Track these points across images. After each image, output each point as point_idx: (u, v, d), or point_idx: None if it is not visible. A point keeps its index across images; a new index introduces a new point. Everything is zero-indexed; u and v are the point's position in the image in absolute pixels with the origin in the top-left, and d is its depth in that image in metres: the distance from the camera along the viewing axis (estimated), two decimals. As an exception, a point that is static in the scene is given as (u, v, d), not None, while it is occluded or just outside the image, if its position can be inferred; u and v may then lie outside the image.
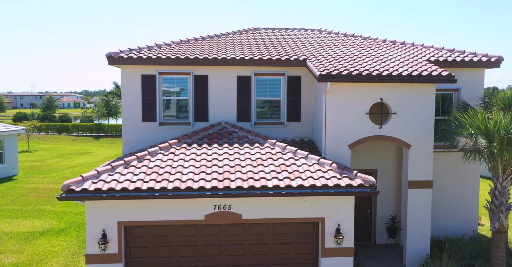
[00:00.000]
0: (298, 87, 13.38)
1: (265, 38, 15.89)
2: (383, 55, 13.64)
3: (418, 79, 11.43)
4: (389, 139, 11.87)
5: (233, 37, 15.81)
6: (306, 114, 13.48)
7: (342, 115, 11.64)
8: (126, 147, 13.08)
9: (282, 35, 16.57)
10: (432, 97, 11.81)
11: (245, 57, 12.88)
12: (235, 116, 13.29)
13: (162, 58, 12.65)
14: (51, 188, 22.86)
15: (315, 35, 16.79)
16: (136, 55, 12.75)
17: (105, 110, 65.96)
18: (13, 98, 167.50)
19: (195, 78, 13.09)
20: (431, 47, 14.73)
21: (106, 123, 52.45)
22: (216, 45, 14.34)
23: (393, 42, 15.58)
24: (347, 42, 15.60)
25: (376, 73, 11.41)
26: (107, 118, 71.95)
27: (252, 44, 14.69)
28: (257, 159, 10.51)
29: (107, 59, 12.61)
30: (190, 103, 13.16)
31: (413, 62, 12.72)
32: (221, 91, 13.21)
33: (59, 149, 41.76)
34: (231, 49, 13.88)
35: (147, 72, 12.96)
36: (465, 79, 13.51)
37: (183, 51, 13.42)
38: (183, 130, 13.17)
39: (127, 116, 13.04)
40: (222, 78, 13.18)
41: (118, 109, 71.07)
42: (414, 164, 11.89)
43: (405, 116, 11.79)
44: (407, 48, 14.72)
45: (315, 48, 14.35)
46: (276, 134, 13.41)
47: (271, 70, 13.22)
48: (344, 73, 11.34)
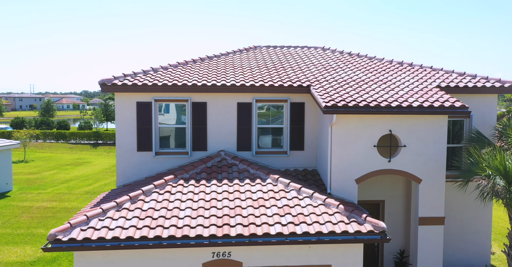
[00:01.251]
0: (302, 114, 12.70)
1: (267, 59, 15.22)
2: (391, 79, 12.98)
3: (429, 111, 10.77)
4: (398, 173, 11.19)
5: (233, 58, 15.13)
6: (310, 142, 12.80)
7: (349, 148, 10.97)
8: (120, 178, 12.40)
9: (284, 55, 15.89)
10: (444, 129, 11.15)
11: (245, 83, 12.21)
12: (235, 145, 12.62)
13: (158, 85, 11.98)
14: (45, 206, 22.16)
15: (318, 54, 16.11)
16: (131, 81, 12.08)
17: (103, 118, 65.28)
18: (12, 100, 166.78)
19: (193, 105, 12.42)
20: (440, 70, 14.06)
21: (104, 131, 51.72)
22: (215, 68, 13.67)
23: (400, 63, 14.91)
24: (352, 63, 14.93)
25: (385, 104, 10.74)
26: (105, 122, 71.36)
27: (253, 67, 14.01)
28: (258, 199, 9.83)
29: (100, 86, 11.94)
30: (187, 132, 12.49)
31: (423, 89, 12.05)
32: (220, 119, 12.54)
33: (56, 158, 41.06)
34: (231, 73, 13.21)
35: (142, 99, 12.28)
36: (477, 105, 12.85)
37: (181, 76, 12.75)
38: (181, 160, 12.49)
39: (121, 146, 12.36)
40: (221, 105, 12.51)
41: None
42: (425, 199, 11.22)
43: (416, 149, 11.12)
44: (415, 71, 14.05)
45: (318, 71, 13.67)
46: (278, 163, 12.73)
47: (273, 97, 12.55)
48: (351, 104, 10.67)
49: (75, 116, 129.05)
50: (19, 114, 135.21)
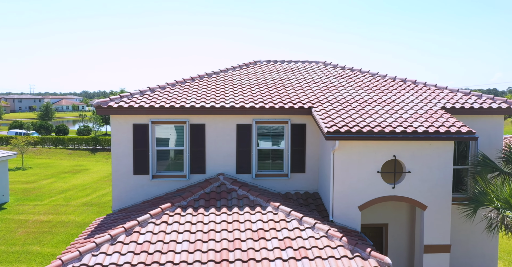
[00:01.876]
0: (303, 136, 12.36)
1: (267, 75, 14.87)
2: (394, 100, 12.63)
3: (435, 136, 10.42)
4: (403, 200, 10.85)
5: (233, 75, 14.78)
6: (312, 165, 12.46)
7: (352, 174, 10.63)
8: (116, 202, 12.05)
9: (285, 71, 15.54)
10: (450, 154, 10.81)
11: (245, 105, 11.87)
12: (235, 168, 12.27)
13: (155, 107, 11.64)
14: (42, 220, 21.81)
15: (319, 70, 15.76)
16: (127, 103, 11.74)
17: (102, 123, 65.03)
18: (11, 102, 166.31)
19: (191, 127, 12.07)
20: (444, 88, 13.72)
21: (103, 136, 51.35)
22: (214, 87, 13.32)
23: (404, 81, 14.57)
24: (354, 80, 14.58)
25: (390, 129, 10.40)
26: (104, 126, 71.12)
27: (253, 85, 13.67)
28: (258, 230, 9.48)
29: (95, 109, 11.58)
30: (185, 154, 12.14)
31: (428, 111, 11.71)
32: (219, 141, 12.20)
33: (54, 165, 40.71)
34: (231, 92, 12.86)
35: (139, 121, 11.94)
36: (483, 126, 12.50)
37: (179, 96, 12.40)
38: (179, 183, 12.15)
39: (117, 169, 12.01)
40: (220, 127, 12.16)
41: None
42: (430, 226, 10.87)
43: (421, 175, 10.78)
44: (419, 89, 13.70)
45: (320, 90, 13.33)
46: (279, 186, 12.39)
47: (274, 118, 12.20)
48: (354, 129, 10.32)
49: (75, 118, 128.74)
50: (18, 116, 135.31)
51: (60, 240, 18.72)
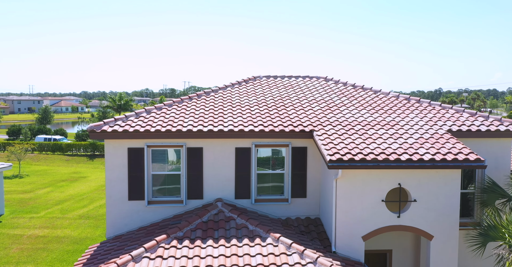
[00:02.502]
0: (304, 159, 11.94)
1: (267, 93, 14.44)
2: (399, 122, 12.21)
3: (442, 165, 10.00)
4: (408, 229, 10.44)
5: (231, 93, 14.35)
6: (313, 189, 12.04)
7: (355, 203, 10.22)
8: (110, 229, 11.62)
9: (285, 88, 15.12)
10: (457, 182, 10.40)
11: (244, 128, 11.45)
12: (233, 193, 11.85)
13: (151, 132, 11.21)
14: (37, 235, 21.38)
15: (321, 86, 15.33)
16: (122, 126, 11.32)
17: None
18: (10, 103, 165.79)
19: (188, 151, 11.65)
20: (450, 108, 13.30)
21: (101, 142, 50.86)
22: (212, 107, 12.89)
23: (407, 99, 14.15)
24: (356, 98, 14.16)
25: (395, 157, 9.98)
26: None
27: (252, 104, 13.24)
28: (258, 265, 9.04)
29: (88, 133, 11.17)
30: (182, 179, 11.72)
31: (434, 135, 11.29)
32: (217, 165, 11.77)
33: (52, 172, 40.25)
34: (229, 113, 12.44)
35: (134, 145, 11.51)
36: (490, 149, 12.08)
37: (176, 117, 11.98)
38: (175, 209, 11.73)
39: (111, 195, 11.59)
40: (218, 151, 11.74)
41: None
42: (437, 257, 10.46)
43: (427, 204, 10.37)
44: (424, 109, 13.28)
45: (322, 111, 12.90)
46: (279, 212, 11.97)
47: (274, 142, 11.78)
48: (358, 158, 9.91)
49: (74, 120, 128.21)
50: (17, 118, 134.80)
51: (55, 258, 18.30)
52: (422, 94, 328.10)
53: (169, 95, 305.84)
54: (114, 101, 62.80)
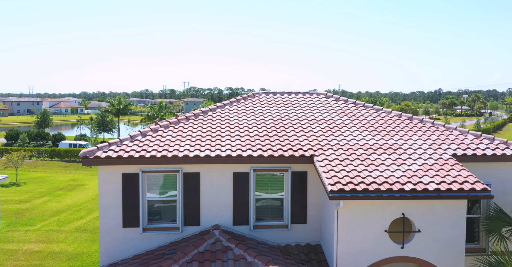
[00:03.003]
0: (304, 184, 11.58)
1: (266, 112, 14.07)
2: (401, 145, 11.85)
3: (447, 195, 9.65)
4: (412, 261, 10.08)
5: (230, 112, 13.98)
6: (313, 215, 11.68)
7: (357, 234, 9.87)
8: (104, 257, 11.26)
9: (285, 106, 14.75)
10: (463, 211, 10.06)
11: (242, 153, 11.09)
12: (231, 219, 11.49)
13: (145, 157, 10.85)
14: (32, 250, 21.02)
15: (321, 104, 14.96)
16: (116, 152, 10.96)
17: (98, 132, 64.43)
18: (9, 105, 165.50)
19: (184, 176, 11.29)
20: (454, 129, 12.96)
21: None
22: (209, 129, 12.52)
23: (410, 118, 13.79)
24: (358, 117, 13.80)
25: (398, 187, 9.63)
26: (102, 133, 70.51)
27: (251, 125, 12.88)
28: (256, 303, 8.70)
29: (81, 159, 10.82)
30: (179, 205, 11.36)
31: (439, 161, 10.94)
32: (214, 190, 11.42)
33: (49, 179, 39.89)
34: (227, 135, 12.08)
35: (128, 171, 11.15)
36: (496, 173, 11.74)
37: (171, 141, 11.62)
38: (171, 236, 11.36)
39: (105, 222, 11.22)
40: (216, 176, 11.38)
41: (113, 125, 69.68)
42: (442, 289, 10.10)
43: (431, 234, 10.02)
44: (427, 130, 12.92)
45: (322, 132, 12.54)
46: (278, 238, 11.61)
47: (273, 166, 11.43)
48: (360, 188, 9.56)
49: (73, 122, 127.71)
50: (16, 120, 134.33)
51: (50, 276, 17.94)
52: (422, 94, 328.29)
53: (168, 96, 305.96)
54: (113, 105, 62.53)
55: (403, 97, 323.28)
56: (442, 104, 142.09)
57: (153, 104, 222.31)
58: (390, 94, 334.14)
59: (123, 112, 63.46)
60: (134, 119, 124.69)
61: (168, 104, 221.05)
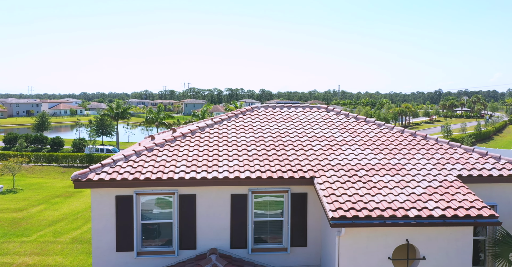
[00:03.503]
0: (304, 206, 11.20)
1: (264, 128, 13.69)
2: (405, 165, 11.46)
3: (453, 222, 9.27)
4: (416, 289, 9.69)
5: (227, 128, 13.59)
6: (314, 237, 11.30)
7: (360, 262, 9.49)
8: (97, 283, 10.87)
9: (284, 120, 14.36)
10: (469, 237, 9.68)
11: (240, 175, 10.72)
12: (229, 242, 11.10)
13: (140, 180, 10.46)
14: (27, 263, 20.63)
15: (321, 119, 14.58)
16: (109, 174, 10.57)
17: (96, 135, 64.15)
18: (8, 106, 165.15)
19: (180, 198, 10.90)
20: (459, 147, 12.57)
21: (98, 153, 50.16)
22: (206, 147, 12.14)
23: (413, 135, 13.41)
24: (359, 133, 13.41)
25: (403, 213, 9.25)
26: (100, 136, 70.13)
27: (250, 143, 12.50)
28: None
29: (73, 182, 10.43)
30: (174, 228, 10.97)
31: (444, 183, 10.56)
32: (211, 213, 11.03)
33: (47, 186, 39.49)
34: (224, 155, 11.70)
35: (122, 193, 10.77)
36: (502, 194, 11.37)
37: (167, 162, 11.24)
38: (166, 260, 10.97)
39: (98, 246, 10.83)
40: (213, 198, 11.00)
41: (112, 128, 69.29)
42: None
43: (436, 261, 9.63)
44: (431, 147, 12.54)
45: (323, 151, 12.15)
46: (278, 262, 11.22)
47: (272, 188, 11.04)
48: (363, 214, 9.18)
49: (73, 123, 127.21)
50: (15, 121, 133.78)
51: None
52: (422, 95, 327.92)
53: (168, 96, 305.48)
54: (112, 109, 62.16)
55: (403, 97, 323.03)
56: (442, 106, 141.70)
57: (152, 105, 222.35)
58: (390, 94, 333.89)
59: (121, 116, 63.08)
60: (134, 120, 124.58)
61: (167, 106, 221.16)
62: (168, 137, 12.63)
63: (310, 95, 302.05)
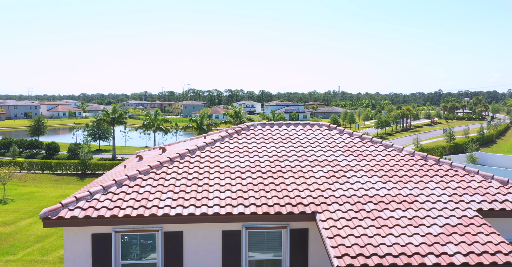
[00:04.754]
0: (305, 243, 9.96)
1: (261, 150, 12.45)
2: (417, 196, 10.23)
3: (477, 271, 8.03)
4: None
5: (220, 150, 12.36)
6: (316, 278, 10.06)
7: (369, 315, 8.23)
8: None
9: (283, 140, 13.12)
10: (494, 286, 8.41)
11: (233, 209, 9.50)
12: (220, 285, 9.87)
13: (118, 217, 9.23)
14: (10, 287, 19.37)
15: (323, 138, 13.33)
16: (84, 210, 9.33)
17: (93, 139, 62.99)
18: (6, 109, 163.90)
19: (165, 236, 9.67)
20: (476, 173, 11.34)
21: (92, 160, 48.85)
22: (196, 174, 10.90)
23: (424, 158, 12.17)
24: (366, 157, 12.18)
25: (419, 261, 8.01)
26: (97, 140, 68.93)
27: (244, 170, 11.26)
28: None
29: (42, 221, 9.20)
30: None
31: (463, 219, 9.34)
32: (200, 252, 9.79)
33: (39, 196, 38.20)
34: (215, 185, 10.47)
35: (99, 231, 9.53)
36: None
37: (151, 193, 10.01)
38: (150, 306, 9.74)
39: (72, 291, 9.59)
40: (202, 235, 9.77)
41: (109, 132, 68.03)
42: None
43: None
44: (445, 173, 11.31)
45: (326, 178, 10.92)
46: (275, 307, 9.99)
47: (269, 224, 9.81)
48: (373, 262, 7.97)
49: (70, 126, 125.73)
50: (13, 124, 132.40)
51: None
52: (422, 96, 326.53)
53: (168, 98, 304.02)
54: (108, 114, 60.88)
55: (403, 98, 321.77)
56: (443, 108, 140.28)
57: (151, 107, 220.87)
58: (390, 95, 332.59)
59: (118, 121, 61.80)
60: (133, 123, 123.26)
61: (167, 107, 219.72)
62: (154, 162, 11.39)
63: (310, 96, 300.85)
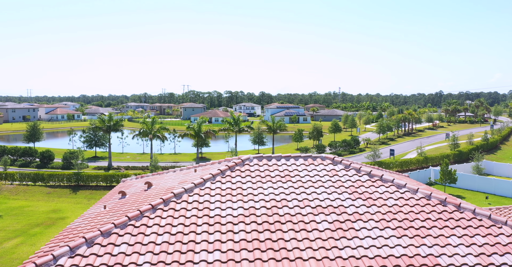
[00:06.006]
0: (307, 314, 8.47)
1: (257, 195, 10.98)
2: (438, 257, 8.75)
3: None
4: None
5: (210, 194, 10.86)
6: None
7: None
8: None
9: (282, 180, 11.63)
10: None
11: (222, 279, 7.99)
12: None
13: (85, 290, 7.74)
14: None
15: (328, 176, 11.85)
16: (45, 280, 7.85)
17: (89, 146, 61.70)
18: (4, 112, 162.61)
19: (142, 308, 8.18)
20: (504, 224, 9.85)
21: (86, 172, 47.36)
22: (181, 228, 9.42)
23: (443, 203, 10.69)
24: (376, 201, 10.70)
25: None
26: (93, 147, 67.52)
27: (237, 220, 9.78)
28: None
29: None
30: None
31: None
32: None
33: (29, 211, 36.77)
34: (203, 242, 9.00)
35: (64, 304, 8.04)
36: None
37: (126, 255, 8.54)
38: None
39: None
40: (186, 306, 8.27)
41: (105, 139, 66.62)
42: None
43: None
44: (468, 224, 9.82)
45: (331, 234, 9.44)
46: None
47: (264, 293, 8.32)
48: None
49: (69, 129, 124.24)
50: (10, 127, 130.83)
51: None
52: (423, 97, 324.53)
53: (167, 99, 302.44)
54: (103, 121, 59.43)
55: (403, 99, 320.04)
56: (445, 111, 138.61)
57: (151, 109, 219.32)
58: (391, 96, 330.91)
59: (114, 128, 60.36)
60: (132, 126, 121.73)
61: (166, 109, 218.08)
62: (134, 213, 9.89)
63: (311, 98, 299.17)
